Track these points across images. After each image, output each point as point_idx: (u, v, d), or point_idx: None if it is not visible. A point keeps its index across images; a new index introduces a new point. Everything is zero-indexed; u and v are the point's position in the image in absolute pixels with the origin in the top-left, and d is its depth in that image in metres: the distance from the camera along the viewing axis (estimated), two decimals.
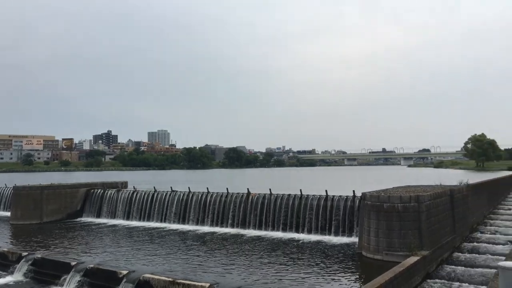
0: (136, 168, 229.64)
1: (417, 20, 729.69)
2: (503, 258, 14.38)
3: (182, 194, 30.60)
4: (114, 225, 30.23)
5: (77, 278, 17.05)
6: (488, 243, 21.23)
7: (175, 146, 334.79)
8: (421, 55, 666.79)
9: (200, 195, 29.74)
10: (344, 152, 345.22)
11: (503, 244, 20.78)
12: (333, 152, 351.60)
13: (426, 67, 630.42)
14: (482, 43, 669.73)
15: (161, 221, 30.21)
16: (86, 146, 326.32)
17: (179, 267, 17.50)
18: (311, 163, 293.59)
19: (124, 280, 15.82)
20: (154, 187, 33.30)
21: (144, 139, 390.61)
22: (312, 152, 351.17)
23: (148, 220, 30.86)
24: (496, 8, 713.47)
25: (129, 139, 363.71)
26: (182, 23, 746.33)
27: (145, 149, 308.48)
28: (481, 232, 23.91)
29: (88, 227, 29.53)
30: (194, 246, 22.31)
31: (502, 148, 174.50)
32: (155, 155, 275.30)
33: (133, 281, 15.58)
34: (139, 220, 31.23)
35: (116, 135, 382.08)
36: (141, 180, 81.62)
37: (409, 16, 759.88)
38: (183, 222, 29.35)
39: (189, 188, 31.30)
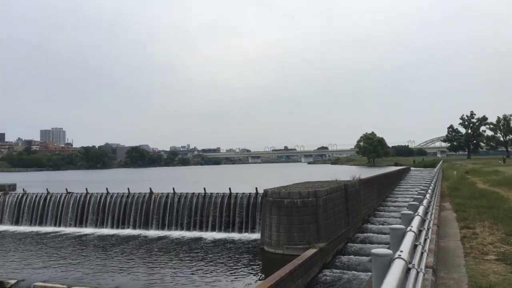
0: (28, 169, 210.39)
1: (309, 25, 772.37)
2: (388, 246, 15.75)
3: (79, 196, 28.92)
4: (0, 232, 27.59)
5: None
6: (378, 233, 23.04)
7: (71, 145, 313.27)
8: (310, 58, 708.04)
9: (99, 196, 28.37)
10: (248, 150, 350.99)
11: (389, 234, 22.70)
12: (237, 150, 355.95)
13: (315, 69, 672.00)
14: (361, 49, 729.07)
15: (55, 225, 28.31)
16: None
17: (76, 273, 16.54)
18: (216, 161, 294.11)
19: None
20: (47, 189, 30.92)
21: (36, 137, 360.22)
22: (217, 150, 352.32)
23: (41, 224, 28.70)
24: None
25: (19, 138, 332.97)
26: (79, 14, 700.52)
27: (38, 149, 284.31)
28: (372, 223, 25.91)
29: None
30: (92, 250, 21.19)
31: (389, 145, 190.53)
32: (49, 154, 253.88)
33: None
34: (30, 224, 28.92)
35: (3, 133, 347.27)
36: (33, 182, 75.19)
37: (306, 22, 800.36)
38: (81, 225, 27.80)
39: (86, 189, 29.66)
